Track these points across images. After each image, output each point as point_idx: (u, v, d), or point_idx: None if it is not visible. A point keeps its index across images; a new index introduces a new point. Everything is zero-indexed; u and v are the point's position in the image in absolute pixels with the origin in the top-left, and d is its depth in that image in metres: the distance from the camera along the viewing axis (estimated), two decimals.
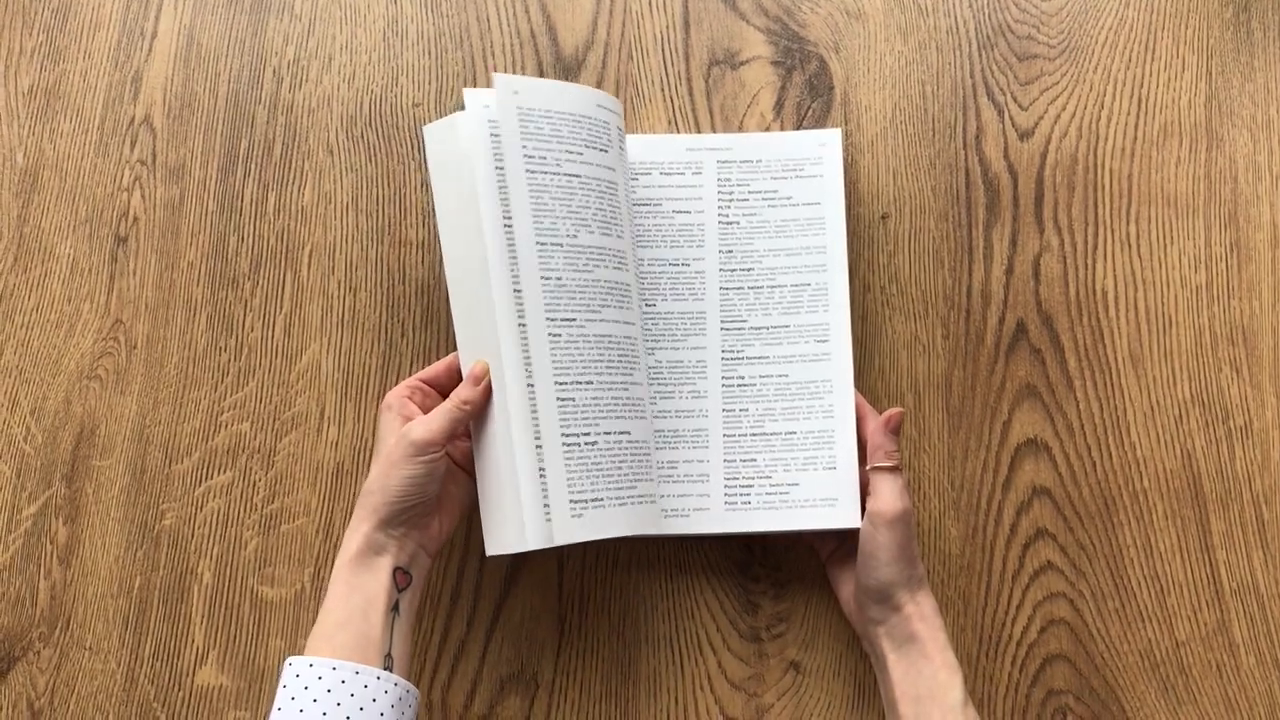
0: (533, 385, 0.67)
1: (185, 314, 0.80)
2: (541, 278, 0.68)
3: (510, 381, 0.67)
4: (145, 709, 0.75)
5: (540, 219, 0.68)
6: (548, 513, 0.66)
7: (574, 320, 0.68)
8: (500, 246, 0.67)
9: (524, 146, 0.68)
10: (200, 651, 0.76)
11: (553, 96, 0.70)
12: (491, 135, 0.68)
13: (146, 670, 0.76)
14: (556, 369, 0.67)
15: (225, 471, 0.78)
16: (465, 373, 0.69)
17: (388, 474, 0.65)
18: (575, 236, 0.69)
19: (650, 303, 0.75)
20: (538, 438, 0.67)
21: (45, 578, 0.77)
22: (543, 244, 0.68)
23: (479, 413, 0.68)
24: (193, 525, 0.77)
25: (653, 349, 0.74)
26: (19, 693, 0.76)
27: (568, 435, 0.67)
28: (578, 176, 0.69)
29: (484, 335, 0.68)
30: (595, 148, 0.71)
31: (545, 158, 0.69)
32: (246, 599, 0.76)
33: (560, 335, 0.68)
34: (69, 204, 0.82)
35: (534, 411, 0.67)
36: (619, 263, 0.71)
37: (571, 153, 0.70)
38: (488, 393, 0.68)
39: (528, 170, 0.68)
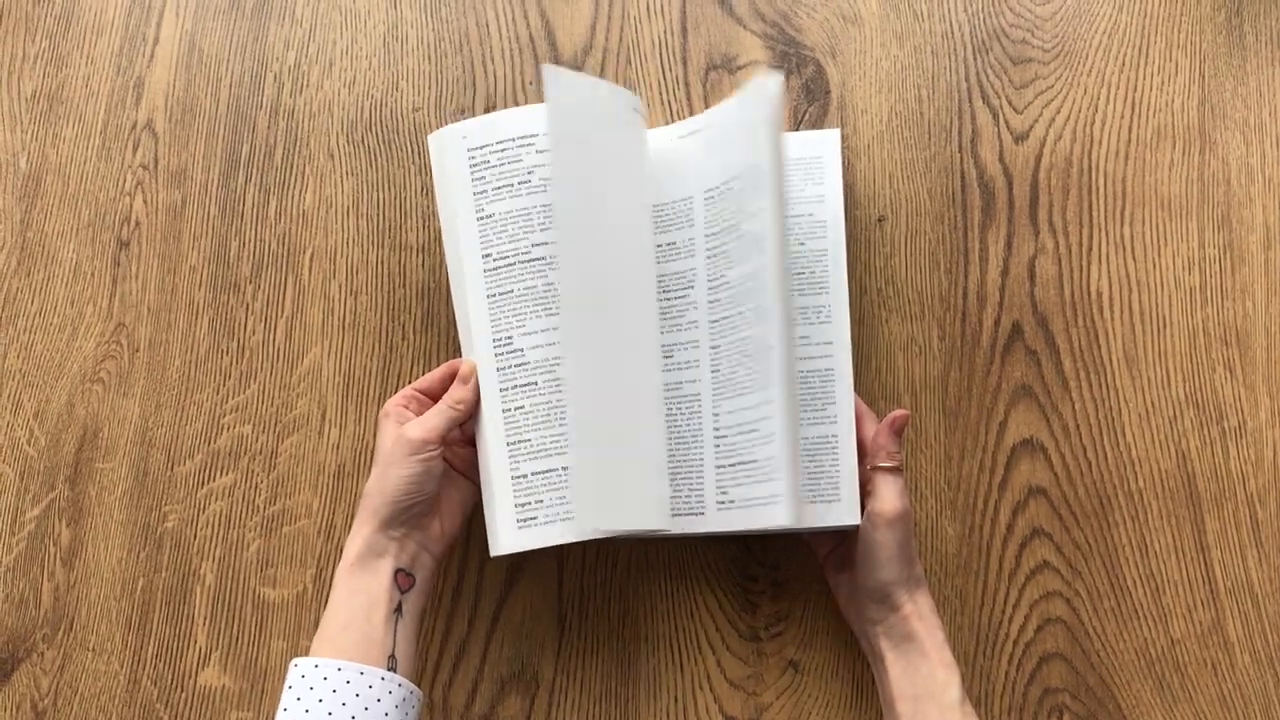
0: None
1: (187, 317, 0.81)
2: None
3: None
4: (148, 710, 0.76)
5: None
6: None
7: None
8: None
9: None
10: (203, 652, 0.76)
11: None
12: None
13: (149, 671, 0.76)
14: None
15: (227, 473, 0.78)
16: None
17: (385, 474, 0.66)
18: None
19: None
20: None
21: (49, 579, 0.77)
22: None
23: (472, 411, 0.69)
24: (195, 527, 0.78)
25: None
26: (22, 694, 0.76)
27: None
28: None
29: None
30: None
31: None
32: (249, 600, 0.77)
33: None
34: (72, 208, 0.82)
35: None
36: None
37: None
38: (478, 391, 0.69)
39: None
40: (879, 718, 0.73)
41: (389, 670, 0.63)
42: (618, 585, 0.77)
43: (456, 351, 0.79)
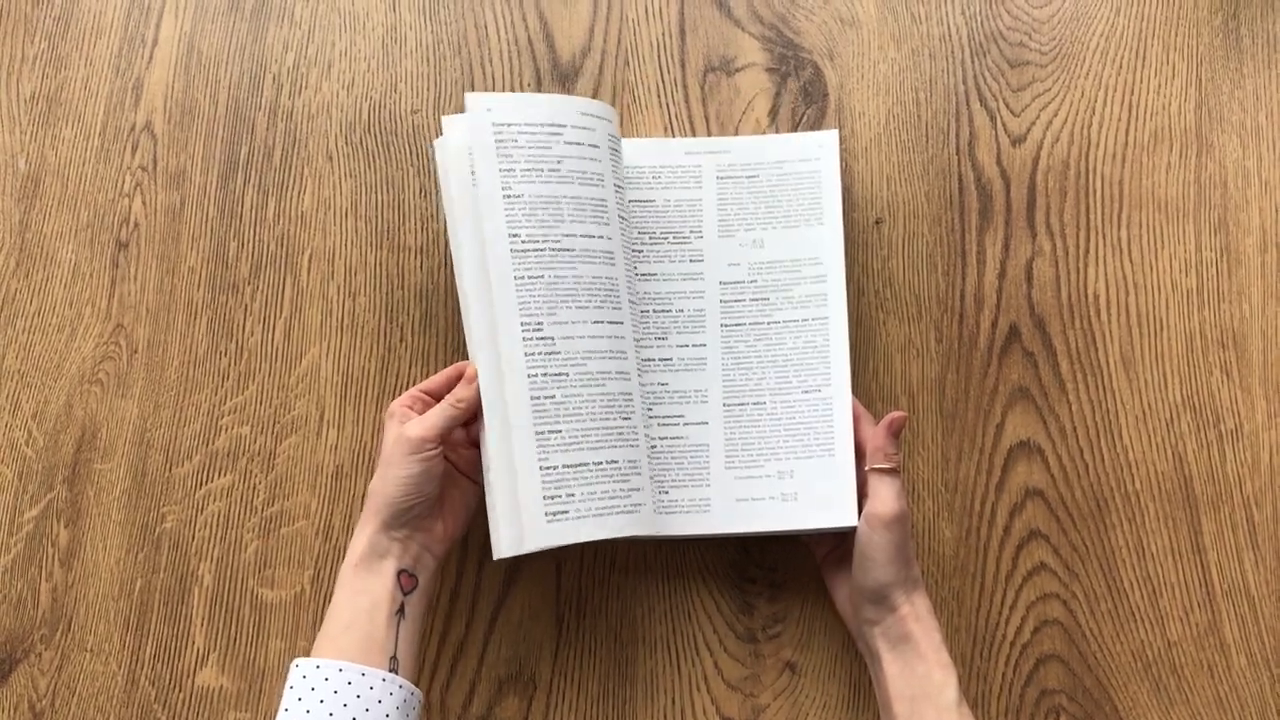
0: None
1: (186, 318, 0.81)
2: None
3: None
4: (146, 710, 0.76)
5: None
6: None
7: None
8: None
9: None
10: (200, 653, 0.76)
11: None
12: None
13: (147, 672, 0.76)
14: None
15: (225, 474, 0.78)
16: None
17: (386, 474, 0.66)
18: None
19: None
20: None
21: (46, 580, 0.77)
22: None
23: (474, 410, 0.69)
24: (193, 528, 0.78)
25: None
26: (20, 695, 0.76)
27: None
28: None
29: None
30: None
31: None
32: (246, 601, 0.77)
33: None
34: (70, 209, 0.82)
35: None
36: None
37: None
38: (480, 392, 0.69)
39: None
40: (876, 719, 0.73)
41: (390, 671, 0.63)
42: (616, 586, 0.77)
43: (455, 353, 0.79)
